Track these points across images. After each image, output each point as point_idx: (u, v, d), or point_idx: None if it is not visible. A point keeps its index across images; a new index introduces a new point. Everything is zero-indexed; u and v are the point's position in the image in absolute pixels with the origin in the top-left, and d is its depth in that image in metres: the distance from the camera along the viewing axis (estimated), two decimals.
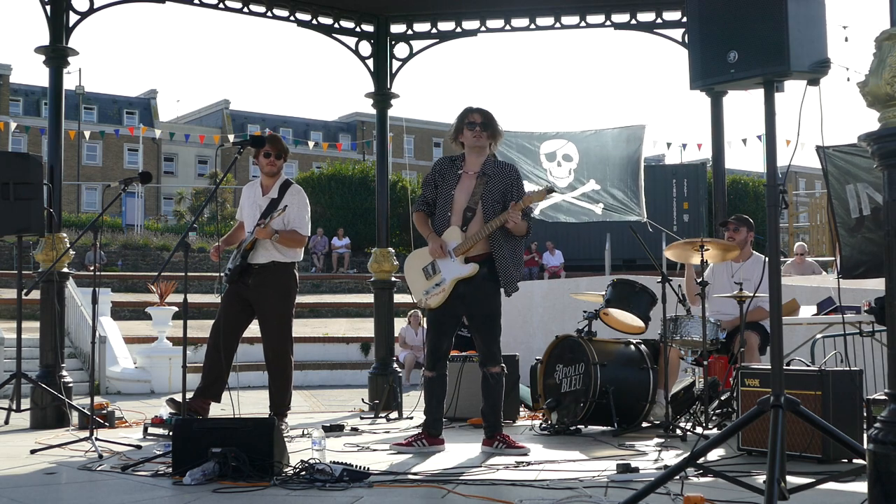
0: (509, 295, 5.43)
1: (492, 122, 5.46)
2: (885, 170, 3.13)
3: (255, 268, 6.27)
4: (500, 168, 5.45)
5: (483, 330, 5.44)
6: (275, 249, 6.24)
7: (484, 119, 5.44)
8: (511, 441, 5.38)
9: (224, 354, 6.23)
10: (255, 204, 6.42)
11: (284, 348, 6.32)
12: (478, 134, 5.42)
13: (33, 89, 50.28)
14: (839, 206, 7.67)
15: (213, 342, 6.34)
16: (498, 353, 5.45)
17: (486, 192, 5.35)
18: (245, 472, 4.25)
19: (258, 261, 6.27)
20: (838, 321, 6.24)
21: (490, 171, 5.40)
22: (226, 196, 43.66)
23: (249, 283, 6.29)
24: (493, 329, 5.44)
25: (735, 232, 6.73)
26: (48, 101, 7.57)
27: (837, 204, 7.68)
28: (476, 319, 5.47)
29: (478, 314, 5.43)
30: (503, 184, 5.37)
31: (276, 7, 8.61)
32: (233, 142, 6.59)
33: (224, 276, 6.42)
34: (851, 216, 7.56)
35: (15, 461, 5.13)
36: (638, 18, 8.69)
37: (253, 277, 6.28)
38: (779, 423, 3.19)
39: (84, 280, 16.63)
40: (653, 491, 3.41)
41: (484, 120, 5.44)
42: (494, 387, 5.43)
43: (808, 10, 3.29)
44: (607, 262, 15.81)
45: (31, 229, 6.99)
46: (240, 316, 6.39)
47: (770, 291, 3.39)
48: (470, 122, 5.45)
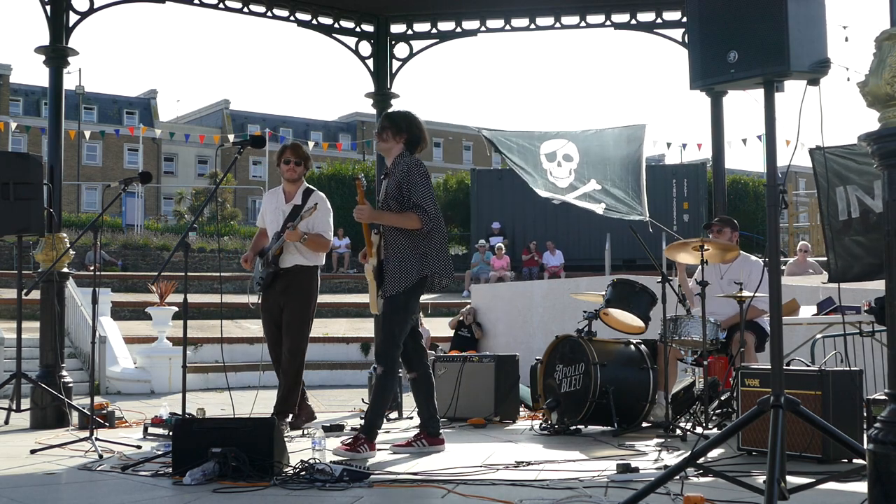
0: (386, 295, 5.33)
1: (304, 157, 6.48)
2: (885, 170, 3.13)
3: (282, 272, 6.48)
4: (395, 163, 5.40)
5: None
6: (299, 253, 6.42)
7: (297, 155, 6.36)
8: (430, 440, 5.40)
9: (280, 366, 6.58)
10: (277, 210, 6.58)
11: (299, 348, 6.48)
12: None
13: (33, 89, 50.28)
14: (827, 209, 7.66)
15: (277, 367, 6.65)
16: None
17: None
18: (245, 472, 4.25)
19: (284, 265, 6.48)
20: (838, 321, 6.24)
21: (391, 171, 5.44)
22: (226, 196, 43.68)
23: (277, 288, 6.49)
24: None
25: (719, 233, 6.74)
26: (48, 101, 7.58)
27: (825, 206, 7.67)
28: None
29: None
30: (395, 181, 5.33)
31: (276, 7, 8.61)
32: (233, 142, 6.62)
33: (257, 284, 6.59)
34: (839, 218, 7.54)
35: (15, 461, 5.13)
36: (638, 18, 8.70)
37: (280, 282, 6.48)
38: (779, 423, 3.19)
39: (84, 280, 16.62)
40: (653, 491, 3.41)
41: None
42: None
43: (808, 10, 3.29)
44: (607, 262, 15.80)
45: (31, 229, 7.00)
46: (280, 334, 6.59)
47: (770, 291, 3.39)
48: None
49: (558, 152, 10.14)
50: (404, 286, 5.24)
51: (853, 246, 7.52)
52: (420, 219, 5.20)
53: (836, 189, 7.57)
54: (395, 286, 5.25)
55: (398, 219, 5.26)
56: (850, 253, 7.53)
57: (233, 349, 13.72)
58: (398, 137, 5.40)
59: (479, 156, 57.29)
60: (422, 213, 5.21)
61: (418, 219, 5.21)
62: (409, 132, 5.40)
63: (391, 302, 5.28)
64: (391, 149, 5.42)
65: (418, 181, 5.26)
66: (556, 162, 10.07)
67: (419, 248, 5.27)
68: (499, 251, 20.92)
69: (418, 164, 5.36)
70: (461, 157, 59.38)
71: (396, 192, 5.29)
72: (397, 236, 5.29)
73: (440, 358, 7.69)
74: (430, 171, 5.76)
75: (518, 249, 22.70)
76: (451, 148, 60.18)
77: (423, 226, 5.21)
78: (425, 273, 5.26)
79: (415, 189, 5.24)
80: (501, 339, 13.10)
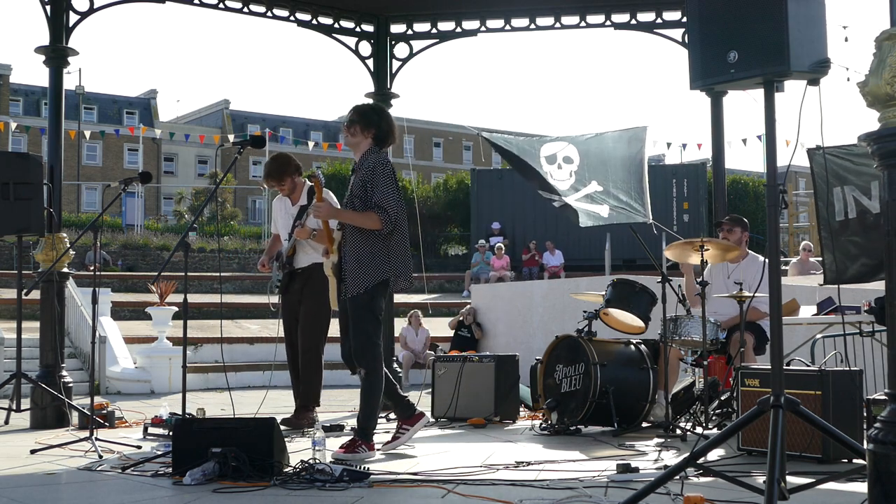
0: (348, 296, 5.20)
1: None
2: (885, 170, 3.13)
3: (298, 272, 6.60)
4: (363, 160, 5.32)
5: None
6: (314, 252, 6.48)
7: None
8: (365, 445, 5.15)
9: (295, 367, 6.68)
10: (287, 214, 6.75)
11: (310, 346, 6.57)
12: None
13: (33, 89, 50.28)
14: (823, 209, 7.66)
15: (292, 365, 6.74)
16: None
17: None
18: (245, 472, 4.25)
19: (300, 265, 6.61)
20: (838, 321, 6.24)
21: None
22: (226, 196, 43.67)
23: (294, 288, 6.61)
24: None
25: (729, 232, 6.74)
26: (48, 101, 7.58)
27: (822, 206, 7.67)
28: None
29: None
30: (361, 179, 5.26)
31: (276, 7, 8.61)
32: (233, 142, 6.63)
33: (276, 286, 6.72)
34: (836, 219, 7.54)
35: (15, 461, 5.13)
36: (638, 18, 8.70)
37: (297, 281, 6.60)
38: (779, 423, 3.19)
39: (84, 280, 16.62)
40: (653, 491, 3.41)
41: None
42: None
43: (808, 10, 3.29)
44: (607, 262, 15.80)
45: (31, 229, 7.00)
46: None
47: (770, 291, 3.39)
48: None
49: (558, 154, 10.12)
50: (365, 287, 5.12)
51: (850, 247, 7.52)
52: (381, 220, 5.07)
53: (833, 190, 7.56)
54: (355, 287, 5.14)
55: (358, 218, 5.13)
56: (847, 254, 7.53)
57: (233, 349, 13.70)
58: (367, 132, 5.25)
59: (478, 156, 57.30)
60: (383, 213, 5.07)
61: (379, 219, 5.07)
62: (377, 127, 5.26)
63: (355, 303, 5.16)
64: (359, 144, 5.28)
65: (383, 180, 5.13)
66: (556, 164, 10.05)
67: (378, 248, 5.14)
68: (499, 251, 20.92)
69: (385, 162, 5.22)
70: (461, 157, 59.36)
71: (361, 190, 5.17)
72: (356, 235, 5.16)
73: (440, 358, 7.69)
74: (430, 171, 5.74)
75: (518, 249, 22.70)
76: (451, 148, 60.19)
77: (382, 227, 5.08)
78: (387, 275, 5.15)
79: (378, 188, 5.11)
80: (501, 339, 13.11)
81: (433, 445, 5.76)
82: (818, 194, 7.72)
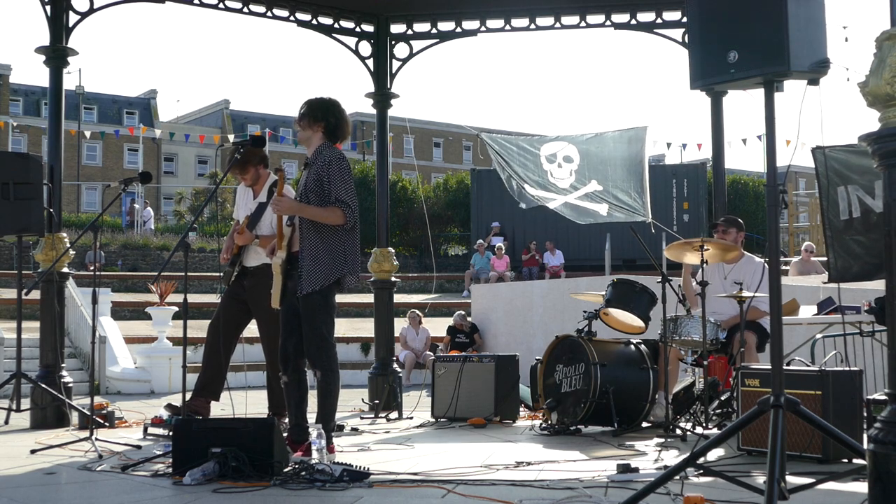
0: (302, 293, 5.05)
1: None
2: (886, 170, 3.13)
3: (249, 270, 6.34)
4: (316, 154, 5.23)
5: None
6: (261, 254, 6.14)
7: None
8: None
9: (223, 353, 6.25)
10: (246, 206, 6.45)
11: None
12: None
13: (33, 89, 50.28)
14: (828, 208, 7.65)
15: (211, 340, 6.37)
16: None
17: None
18: (245, 472, 4.26)
19: (250, 264, 6.33)
20: (838, 321, 6.24)
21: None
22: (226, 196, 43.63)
23: (245, 285, 6.35)
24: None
25: (724, 234, 6.74)
26: (48, 101, 7.58)
27: (827, 206, 7.66)
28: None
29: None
30: (315, 174, 5.16)
31: (276, 7, 8.61)
32: (233, 141, 6.61)
33: (223, 278, 6.49)
34: (840, 218, 7.54)
35: (15, 461, 5.13)
36: (638, 18, 8.69)
37: (248, 279, 6.34)
38: (779, 423, 3.19)
39: (84, 280, 16.61)
40: (653, 491, 3.41)
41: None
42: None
43: (808, 11, 3.29)
44: (607, 262, 15.80)
45: (31, 229, 7.00)
46: (238, 315, 6.43)
47: (770, 291, 3.39)
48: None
49: (558, 154, 10.14)
50: (320, 285, 5.00)
51: (853, 245, 7.51)
52: (344, 214, 4.98)
53: (837, 189, 7.56)
54: (310, 284, 5.01)
55: (322, 213, 5.00)
56: (851, 252, 7.52)
57: None
58: (316, 126, 5.15)
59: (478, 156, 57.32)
60: (346, 208, 4.99)
61: (342, 214, 4.98)
62: (325, 120, 5.15)
63: (308, 301, 5.03)
64: (310, 138, 5.18)
65: (339, 175, 5.03)
66: (556, 163, 10.07)
67: (333, 245, 5.04)
68: (499, 251, 20.91)
69: (340, 157, 5.12)
70: (461, 157, 59.33)
71: (316, 185, 5.05)
72: (311, 232, 5.04)
73: (440, 358, 7.70)
74: (430, 171, 5.72)
75: (518, 249, 22.69)
76: (451, 148, 60.17)
77: (346, 221, 5.00)
78: (341, 273, 5.05)
79: (336, 183, 5.01)
80: (501, 339, 13.11)
81: (433, 445, 5.77)
82: (822, 193, 7.72)
